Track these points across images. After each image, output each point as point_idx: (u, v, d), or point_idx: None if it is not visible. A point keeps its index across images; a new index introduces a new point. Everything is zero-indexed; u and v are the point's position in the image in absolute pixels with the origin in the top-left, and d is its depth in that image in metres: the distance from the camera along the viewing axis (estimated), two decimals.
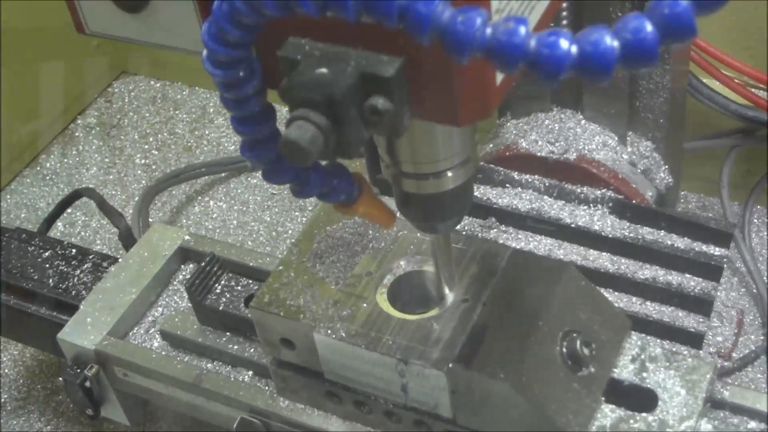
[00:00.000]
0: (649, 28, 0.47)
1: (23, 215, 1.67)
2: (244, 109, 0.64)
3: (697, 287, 0.95)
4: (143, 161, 1.73)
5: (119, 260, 1.13)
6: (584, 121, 1.11)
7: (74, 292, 1.12)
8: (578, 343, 0.79)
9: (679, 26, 0.47)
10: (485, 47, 0.49)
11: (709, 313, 0.94)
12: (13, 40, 1.65)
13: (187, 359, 1.02)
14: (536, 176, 1.06)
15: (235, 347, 1.00)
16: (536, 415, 0.76)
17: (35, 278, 1.16)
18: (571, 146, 1.08)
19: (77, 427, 1.33)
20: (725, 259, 0.96)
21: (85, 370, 1.03)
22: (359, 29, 0.55)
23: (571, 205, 1.03)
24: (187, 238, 1.12)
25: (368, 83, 0.57)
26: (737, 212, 1.41)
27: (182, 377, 0.98)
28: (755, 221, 1.42)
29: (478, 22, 0.49)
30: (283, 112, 0.59)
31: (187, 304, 1.06)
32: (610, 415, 0.80)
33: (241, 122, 0.66)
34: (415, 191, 0.74)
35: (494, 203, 1.04)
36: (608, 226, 1.00)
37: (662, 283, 0.96)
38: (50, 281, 1.15)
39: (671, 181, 1.15)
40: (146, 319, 1.08)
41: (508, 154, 1.10)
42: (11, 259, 1.19)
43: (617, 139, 1.11)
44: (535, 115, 1.13)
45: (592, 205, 1.03)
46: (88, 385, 1.03)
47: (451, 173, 0.72)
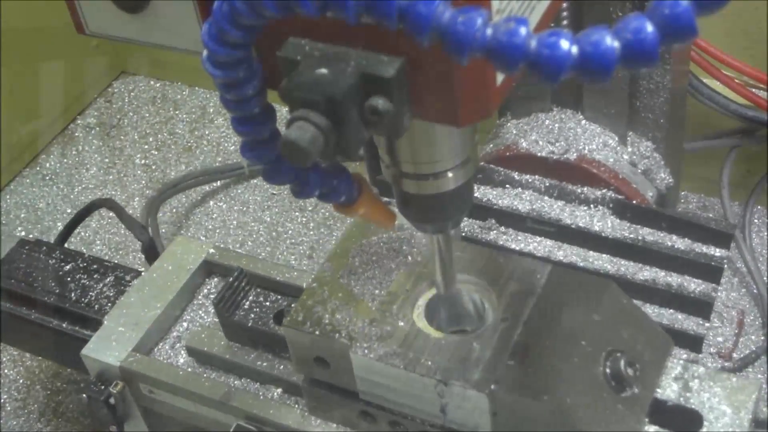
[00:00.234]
0: (649, 28, 0.47)
1: (23, 215, 1.67)
2: (244, 109, 0.64)
3: (697, 289, 0.95)
4: (143, 161, 1.73)
5: (142, 274, 1.10)
6: (584, 121, 1.11)
7: (97, 306, 1.10)
8: (622, 363, 0.77)
9: (679, 26, 0.47)
10: (486, 48, 0.49)
11: (708, 315, 0.94)
12: (13, 40, 1.65)
13: (214, 376, 1.00)
14: (536, 176, 1.06)
15: (264, 364, 0.97)
16: None
17: (57, 292, 1.13)
18: (571, 146, 1.08)
19: (77, 427, 1.33)
20: (725, 260, 0.96)
21: (110, 386, 1.00)
22: (359, 29, 0.55)
23: (571, 205, 1.03)
24: (211, 251, 1.09)
25: (368, 84, 0.57)
26: (737, 212, 1.41)
27: (210, 395, 0.95)
28: (755, 221, 1.42)
29: (478, 22, 0.49)
30: (283, 112, 0.59)
31: (212, 319, 1.04)
32: None
33: (241, 123, 0.66)
34: (415, 192, 0.74)
35: (494, 204, 1.04)
36: (608, 226, 1.00)
37: (662, 284, 0.96)
38: (72, 295, 1.12)
39: (671, 181, 1.15)
40: (171, 334, 1.05)
41: (508, 154, 1.09)
42: (32, 272, 1.16)
43: (617, 139, 1.11)
44: (535, 115, 1.13)
45: (592, 205, 1.03)
46: (112, 401, 1.01)
47: (451, 174, 0.72)
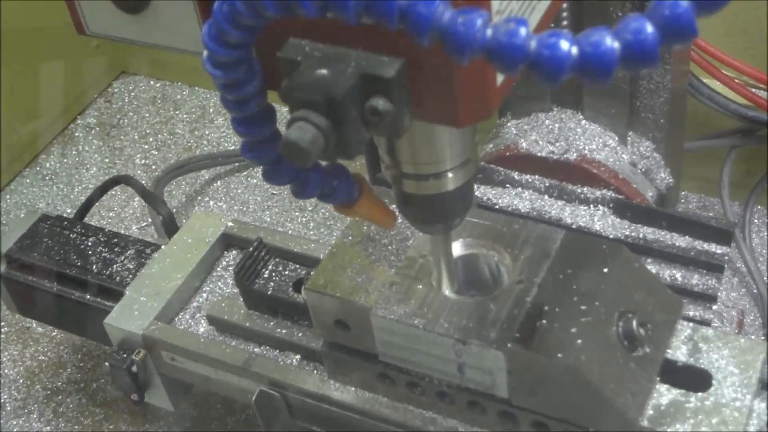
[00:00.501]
0: (649, 29, 0.47)
1: (23, 215, 1.66)
2: (244, 110, 0.64)
3: (701, 281, 0.95)
4: (143, 161, 1.73)
5: (162, 246, 1.13)
6: (585, 121, 1.11)
7: (118, 278, 1.13)
8: (634, 323, 0.80)
9: (679, 27, 0.47)
10: (486, 48, 0.49)
11: (713, 303, 0.94)
12: (13, 40, 1.65)
13: (234, 343, 1.03)
14: (536, 176, 1.06)
15: (282, 331, 1.00)
16: (594, 394, 0.76)
17: (78, 265, 1.16)
18: (571, 146, 1.08)
19: (77, 427, 1.33)
20: (727, 256, 0.96)
21: (132, 355, 1.04)
22: (360, 30, 0.55)
23: (571, 205, 1.03)
24: (230, 224, 1.12)
25: (369, 84, 0.57)
26: (738, 212, 1.41)
27: (231, 361, 0.98)
28: (755, 221, 1.42)
29: (478, 23, 0.49)
30: (283, 112, 0.59)
31: (231, 290, 1.08)
32: (665, 394, 0.81)
33: (241, 123, 0.66)
34: (415, 192, 0.74)
35: (495, 203, 1.04)
36: (609, 226, 1.00)
37: (666, 278, 0.96)
38: (94, 267, 1.15)
39: (671, 181, 1.15)
40: (191, 304, 1.08)
41: (508, 154, 1.10)
42: (54, 246, 1.19)
43: (618, 139, 1.11)
44: (535, 115, 1.13)
45: (592, 205, 1.03)
46: (134, 369, 1.04)
47: (451, 174, 0.72)
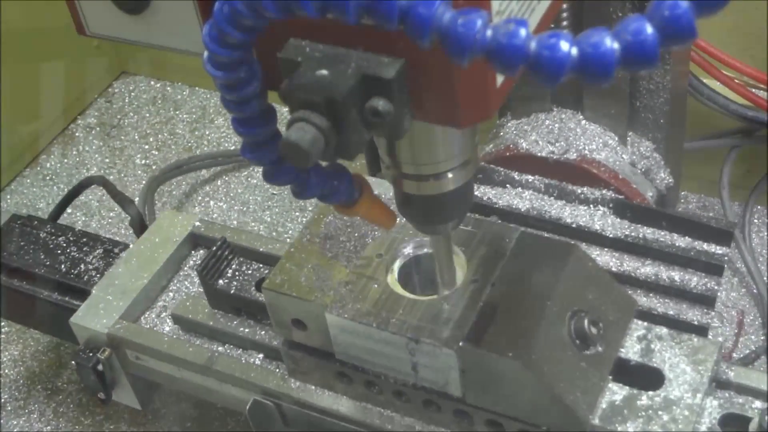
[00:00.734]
0: (649, 30, 0.47)
1: None
2: (244, 110, 0.64)
3: (699, 283, 0.95)
4: (143, 161, 1.73)
5: (130, 246, 1.14)
6: (584, 121, 1.11)
7: (86, 277, 1.14)
8: (586, 322, 0.80)
9: (679, 28, 0.47)
10: (486, 49, 0.49)
11: (713, 305, 0.94)
12: (13, 40, 1.65)
13: (198, 342, 1.03)
14: (536, 176, 1.06)
15: (246, 330, 1.01)
16: (545, 393, 0.77)
17: (47, 264, 1.17)
18: (571, 146, 1.08)
19: (77, 427, 1.33)
20: (726, 256, 0.96)
21: (97, 353, 1.04)
22: (360, 31, 0.55)
23: (571, 205, 1.03)
24: (197, 224, 1.13)
25: (369, 85, 0.57)
26: (737, 212, 1.41)
27: (194, 359, 0.99)
28: (755, 221, 1.42)
29: (478, 24, 0.49)
30: (283, 112, 0.60)
31: (197, 289, 1.08)
32: (617, 393, 0.81)
33: (241, 123, 0.66)
34: (415, 192, 0.74)
35: (495, 203, 1.04)
36: (609, 225, 1.00)
37: (665, 279, 0.96)
38: (62, 267, 1.16)
39: (671, 181, 1.15)
40: (157, 303, 1.09)
41: (508, 154, 1.10)
42: (23, 245, 1.20)
43: (618, 139, 1.11)
44: (535, 115, 1.13)
45: (592, 205, 1.03)
46: (100, 368, 1.04)
47: (451, 174, 0.72)
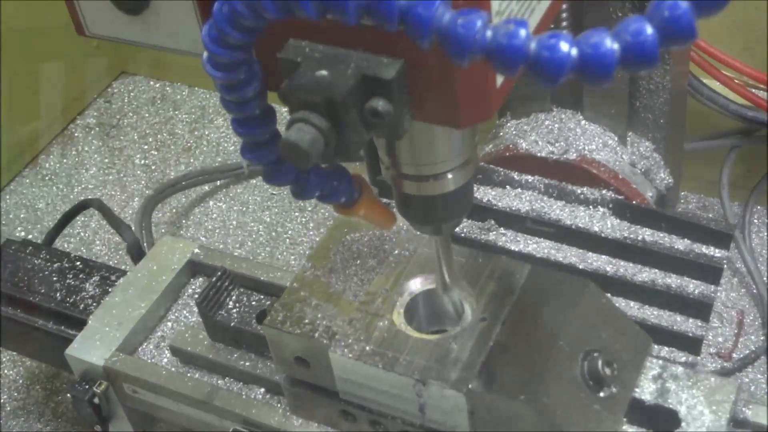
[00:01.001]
0: (649, 30, 0.47)
1: (23, 215, 1.67)
2: (244, 111, 0.64)
3: (696, 290, 0.95)
4: (143, 161, 1.73)
5: (127, 273, 1.11)
6: (584, 121, 1.11)
7: (82, 306, 1.11)
8: (599, 362, 0.78)
9: (679, 29, 0.47)
10: (485, 50, 0.49)
11: (708, 316, 0.94)
12: (13, 40, 1.65)
13: (197, 375, 1.01)
14: (536, 177, 1.06)
15: (246, 364, 0.98)
16: None
17: (42, 292, 1.14)
18: (571, 147, 1.08)
19: (77, 427, 1.33)
20: (725, 260, 0.96)
21: (93, 386, 1.01)
22: (360, 31, 0.55)
23: (571, 205, 1.03)
24: (196, 251, 1.09)
25: (369, 85, 0.57)
26: (737, 212, 1.41)
27: (193, 394, 0.96)
28: (755, 221, 1.42)
29: (478, 24, 0.49)
30: (283, 113, 0.59)
31: (196, 319, 1.05)
32: None
33: (241, 124, 0.66)
34: (415, 193, 0.74)
35: (494, 204, 1.04)
36: (608, 227, 1.00)
37: (661, 285, 0.96)
38: (58, 295, 1.13)
39: (671, 181, 1.15)
40: (155, 334, 1.06)
41: (508, 154, 1.10)
42: (18, 272, 1.17)
43: (617, 139, 1.11)
44: (535, 115, 1.13)
45: (592, 205, 1.03)
46: (96, 401, 1.02)
47: (451, 175, 0.72)
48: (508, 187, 1.06)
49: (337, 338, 0.81)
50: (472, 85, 0.59)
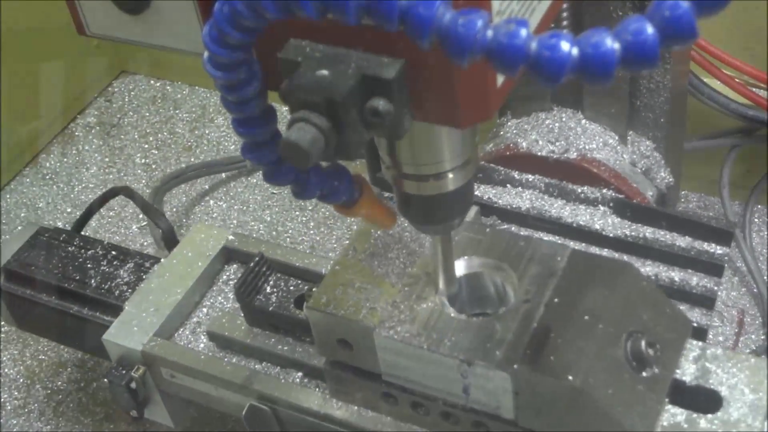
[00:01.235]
0: (650, 30, 0.47)
1: (23, 215, 1.67)
2: (244, 110, 0.64)
3: (699, 283, 0.95)
4: (143, 161, 1.73)
5: (162, 260, 1.11)
6: (585, 120, 1.11)
7: (117, 292, 1.11)
8: (642, 343, 0.78)
9: (679, 28, 0.47)
10: (486, 50, 0.49)
11: (712, 308, 0.94)
12: (13, 40, 1.65)
13: (235, 360, 1.01)
14: (536, 176, 1.06)
15: (284, 348, 0.98)
16: (602, 417, 0.75)
17: (77, 279, 1.14)
18: (571, 146, 1.08)
19: (77, 427, 1.33)
20: (726, 256, 0.96)
21: (131, 371, 1.02)
22: (360, 31, 0.55)
23: (571, 204, 1.03)
24: (231, 238, 1.10)
25: (369, 85, 0.57)
26: (738, 212, 1.41)
27: (233, 378, 0.96)
28: (756, 221, 1.42)
29: (479, 24, 0.49)
30: (283, 113, 0.59)
31: (231, 305, 1.05)
32: (675, 416, 0.79)
33: (241, 124, 0.66)
34: (415, 193, 0.74)
35: (495, 203, 1.04)
36: (609, 225, 1.00)
37: (665, 279, 0.96)
38: (93, 281, 1.13)
39: (672, 180, 1.15)
40: (191, 320, 1.06)
41: (508, 153, 1.10)
42: (52, 259, 1.17)
43: (618, 138, 1.11)
44: (535, 114, 1.13)
45: (592, 204, 1.03)
46: (133, 386, 1.03)
47: (451, 175, 0.72)
48: (508, 186, 1.06)
49: (381, 320, 0.82)
50: (472, 84, 0.59)
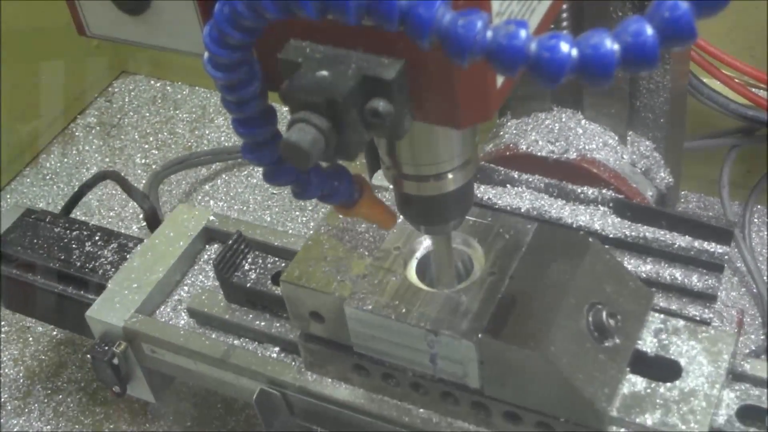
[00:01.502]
0: (649, 31, 0.47)
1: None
2: (245, 111, 0.64)
3: (700, 280, 0.95)
4: (143, 161, 1.73)
5: (145, 240, 1.14)
6: (584, 120, 1.11)
7: (101, 271, 1.14)
8: (604, 314, 0.81)
9: (679, 29, 0.47)
10: (486, 50, 0.49)
11: (714, 301, 0.95)
12: (13, 40, 1.65)
13: (214, 336, 1.04)
14: (536, 176, 1.06)
15: (261, 324, 1.01)
16: (564, 384, 0.77)
17: (62, 258, 1.17)
18: (571, 146, 1.08)
19: (77, 426, 1.33)
20: (726, 256, 0.96)
21: (113, 347, 1.04)
22: (360, 31, 0.55)
23: (571, 204, 1.03)
24: (212, 218, 1.13)
25: (369, 86, 0.57)
26: (737, 212, 1.41)
27: (210, 353, 1.00)
28: (755, 221, 1.42)
29: (478, 25, 0.49)
30: (284, 113, 0.60)
31: (212, 283, 1.08)
32: (635, 384, 0.82)
33: (242, 124, 0.66)
34: (415, 193, 0.74)
35: (494, 203, 1.04)
36: (609, 225, 1.00)
37: (666, 277, 0.96)
38: (77, 261, 1.16)
39: (671, 180, 1.15)
40: (172, 297, 1.09)
41: (508, 153, 1.10)
42: (38, 239, 1.20)
43: (617, 138, 1.11)
44: (535, 114, 1.13)
45: (592, 204, 1.03)
46: (115, 362, 1.05)
47: (451, 175, 0.72)
48: (508, 186, 1.06)
49: (351, 292, 0.85)
50: (472, 85, 0.59)
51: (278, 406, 0.97)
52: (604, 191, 1.04)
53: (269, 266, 1.04)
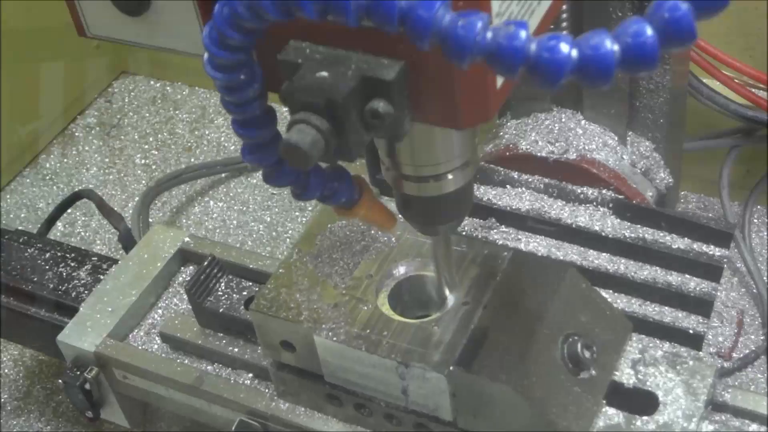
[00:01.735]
0: (649, 32, 0.47)
1: (23, 215, 1.67)
2: (244, 112, 0.64)
3: (697, 288, 0.95)
4: (143, 161, 1.73)
5: (119, 262, 1.12)
6: (584, 121, 1.11)
7: (74, 293, 1.12)
8: (579, 346, 0.79)
9: (679, 30, 0.47)
10: (486, 52, 0.49)
11: (708, 314, 0.94)
12: (13, 40, 1.65)
13: (187, 361, 1.02)
14: (536, 176, 1.06)
15: (235, 349, 1.00)
16: (537, 418, 0.76)
17: (35, 280, 1.15)
18: (571, 146, 1.08)
19: (77, 427, 1.33)
20: (725, 259, 0.96)
21: (84, 372, 1.03)
22: (360, 33, 0.55)
23: (571, 205, 1.03)
24: (187, 239, 1.11)
25: (369, 87, 0.57)
26: (737, 212, 1.41)
27: (182, 379, 0.98)
28: (755, 221, 1.42)
29: (478, 26, 0.49)
30: (283, 113, 0.60)
31: (187, 306, 1.06)
32: (611, 417, 0.80)
33: (242, 125, 0.66)
34: (415, 194, 0.74)
35: (494, 203, 1.04)
36: (608, 226, 1.00)
37: (662, 283, 0.96)
38: (50, 283, 1.14)
39: (671, 181, 1.15)
40: (146, 321, 1.08)
41: (508, 154, 1.10)
42: (11, 261, 1.19)
43: (617, 139, 1.11)
44: (535, 115, 1.13)
45: (592, 205, 1.03)
46: (87, 387, 1.03)
47: (451, 176, 0.72)
48: (508, 186, 1.06)
49: (322, 322, 0.83)
50: (472, 86, 0.59)
51: None
52: (603, 192, 1.04)
53: (243, 291, 1.02)
